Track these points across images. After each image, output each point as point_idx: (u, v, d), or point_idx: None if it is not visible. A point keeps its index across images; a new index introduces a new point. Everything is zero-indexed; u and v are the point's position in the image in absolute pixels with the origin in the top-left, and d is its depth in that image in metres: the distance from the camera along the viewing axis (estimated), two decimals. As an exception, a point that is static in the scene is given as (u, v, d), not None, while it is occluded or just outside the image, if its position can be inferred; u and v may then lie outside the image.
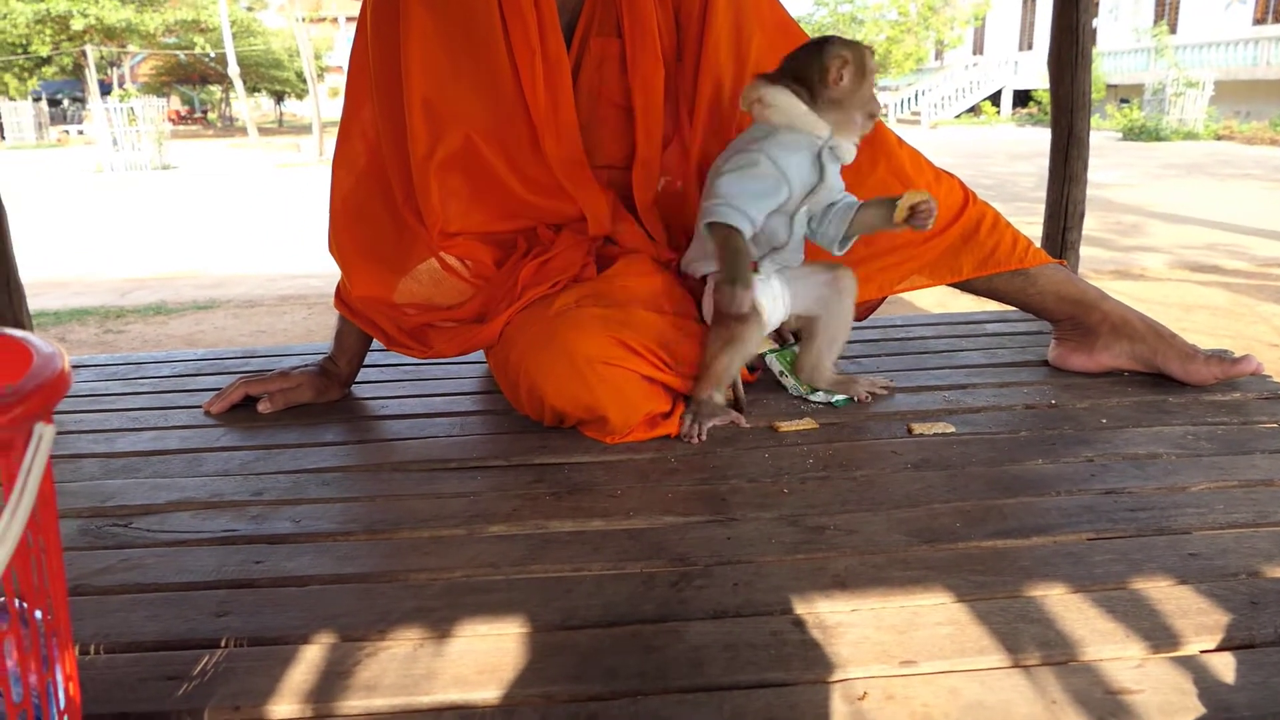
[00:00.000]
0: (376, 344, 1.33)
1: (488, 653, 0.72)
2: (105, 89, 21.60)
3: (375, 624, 0.75)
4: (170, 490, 1.03)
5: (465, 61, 1.20)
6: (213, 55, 24.10)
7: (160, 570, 0.85)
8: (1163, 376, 1.30)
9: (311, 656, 0.72)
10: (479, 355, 1.53)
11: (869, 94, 1.16)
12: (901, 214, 1.11)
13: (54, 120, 24.18)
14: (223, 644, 0.74)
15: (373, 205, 1.27)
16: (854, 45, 1.15)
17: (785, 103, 1.14)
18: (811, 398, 1.26)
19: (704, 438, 1.13)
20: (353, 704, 0.67)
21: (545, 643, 0.73)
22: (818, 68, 1.13)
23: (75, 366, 1.54)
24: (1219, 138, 14.42)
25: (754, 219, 1.14)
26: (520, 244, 1.27)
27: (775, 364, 1.33)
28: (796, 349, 1.33)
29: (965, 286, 1.36)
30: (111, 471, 1.09)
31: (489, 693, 0.67)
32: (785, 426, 1.15)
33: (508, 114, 1.21)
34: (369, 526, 0.93)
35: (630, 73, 1.25)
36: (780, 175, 1.13)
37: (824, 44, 1.15)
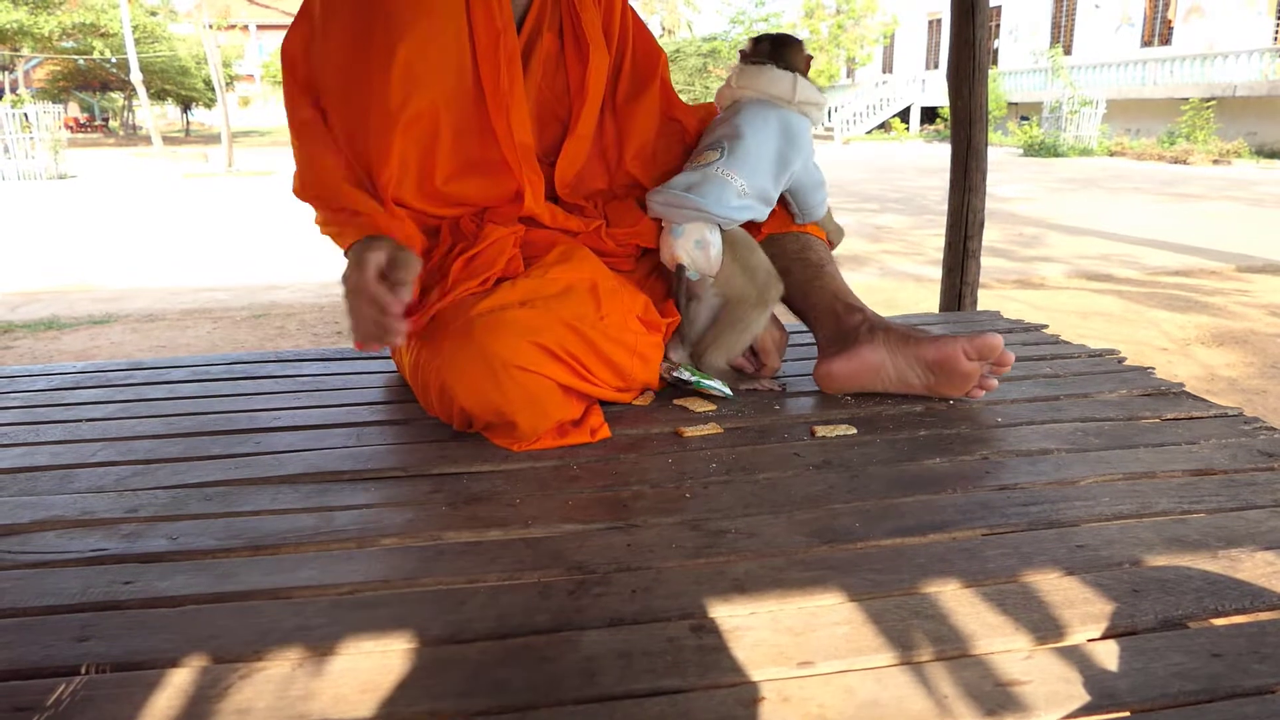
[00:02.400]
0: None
1: (372, 670, 0.68)
2: (-4, 94, 20.55)
3: (252, 644, 0.71)
4: (36, 509, 0.96)
5: (435, 33, 1.18)
6: (114, 61, 23.16)
7: (18, 594, 0.79)
8: (1050, 377, 1.33)
9: (180, 681, 0.67)
10: (383, 364, 1.49)
11: None
12: None
13: (-61, 127, 22.81)
14: (83, 670, 0.69)
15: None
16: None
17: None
18: (700, 385, 1.26)
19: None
20: (222, 730, 0.63)
21: (433, 657, 0.70)
22: (804, 58, 1.40)
23: (-60, 382, 1.43)
24: (1112, 154, 15.19)
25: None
26: (445, 237, 1.24)
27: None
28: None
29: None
30: (-29, 492, 1.01)
31: (370, 712, 0.64)
32: (689, 431, 1.15)
33: (466, 90, 1.20)
34: (252, 542, 0.88)
35: (580, 63, 1.29)
36: None
37: (797, 41, 1.41)
